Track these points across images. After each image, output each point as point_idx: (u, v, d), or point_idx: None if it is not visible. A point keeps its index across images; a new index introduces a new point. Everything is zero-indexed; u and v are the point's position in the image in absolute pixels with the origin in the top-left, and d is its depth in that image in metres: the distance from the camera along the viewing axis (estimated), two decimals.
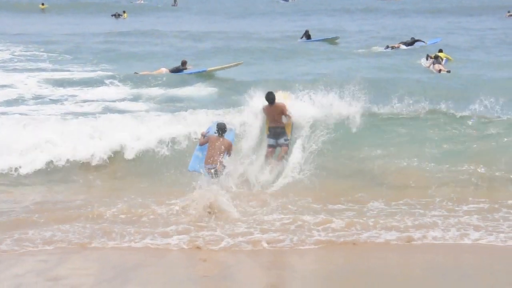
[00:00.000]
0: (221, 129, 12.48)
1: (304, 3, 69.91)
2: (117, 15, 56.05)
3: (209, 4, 69.83)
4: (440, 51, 28.91)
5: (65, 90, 21.85)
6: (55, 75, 24.90)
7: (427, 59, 27.75)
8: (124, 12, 56.88)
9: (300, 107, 13.61)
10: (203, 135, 12.81)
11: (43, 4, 63.69)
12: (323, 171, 12.98)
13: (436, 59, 27.08)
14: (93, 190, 12.91)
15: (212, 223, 10.64)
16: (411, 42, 33.57)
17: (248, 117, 13.92)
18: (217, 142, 12.32)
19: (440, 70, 26.25)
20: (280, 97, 13.65)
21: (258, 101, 13.62)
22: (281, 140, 13.32)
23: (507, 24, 48.34)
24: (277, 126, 13.27)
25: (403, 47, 33.25)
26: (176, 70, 24.43)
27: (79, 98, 20.63)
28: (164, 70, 24.60)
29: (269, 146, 13.37)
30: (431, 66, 26.82)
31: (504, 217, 10.95)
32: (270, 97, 13.21)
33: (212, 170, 12.05)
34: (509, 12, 57.13)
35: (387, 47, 33.34)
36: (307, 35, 38.06)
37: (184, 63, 24.64)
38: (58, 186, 13.03)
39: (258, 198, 12.02)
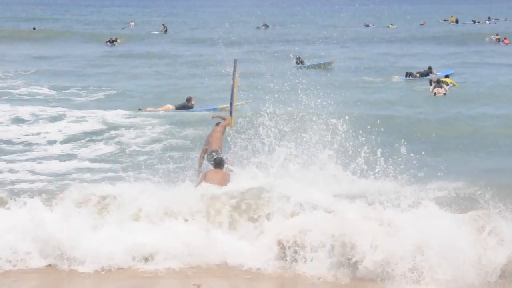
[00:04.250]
0: (218, 163, 12.06)
1: (288, 31, 68.20)
2: (111, 41, 56.81)
3: (197, 31, 70.09)
4: (446, 77, 30.00)
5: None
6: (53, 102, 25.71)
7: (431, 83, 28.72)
8: (116, 38, 57.73)
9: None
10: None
11: (34, 28, 68.03)
12: None
13: (438, 83, 28.07)
14: None
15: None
16: (428, 73, 33.50)
17: None
18: (216, 176, 11.71)
19: (435, 93, 27.55)
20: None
21: None
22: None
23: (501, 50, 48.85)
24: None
25: (415, 76, 33.31)
26: (182, 107, 23.80)
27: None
28: (170, 107, 23.86)
29: None
30: (432, 90, 27.90)
31: None
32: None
33: None
34: (497, 35, 57.36)
35: (407, 74, 33.53)
36: (300, 61, 37.64)
37: (189, 100, 24.01)
38: None
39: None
